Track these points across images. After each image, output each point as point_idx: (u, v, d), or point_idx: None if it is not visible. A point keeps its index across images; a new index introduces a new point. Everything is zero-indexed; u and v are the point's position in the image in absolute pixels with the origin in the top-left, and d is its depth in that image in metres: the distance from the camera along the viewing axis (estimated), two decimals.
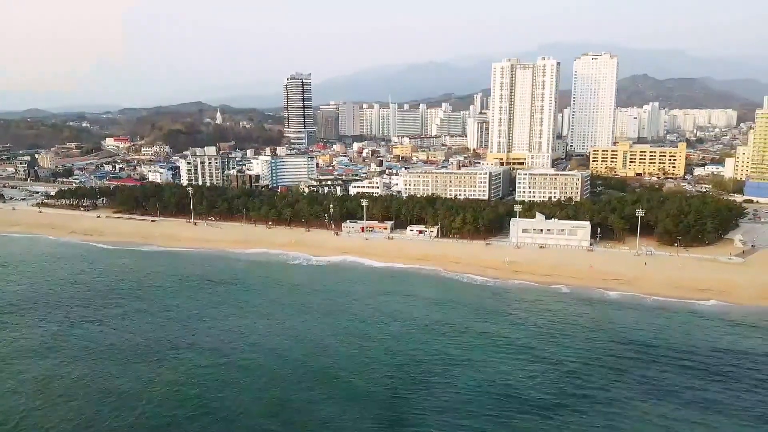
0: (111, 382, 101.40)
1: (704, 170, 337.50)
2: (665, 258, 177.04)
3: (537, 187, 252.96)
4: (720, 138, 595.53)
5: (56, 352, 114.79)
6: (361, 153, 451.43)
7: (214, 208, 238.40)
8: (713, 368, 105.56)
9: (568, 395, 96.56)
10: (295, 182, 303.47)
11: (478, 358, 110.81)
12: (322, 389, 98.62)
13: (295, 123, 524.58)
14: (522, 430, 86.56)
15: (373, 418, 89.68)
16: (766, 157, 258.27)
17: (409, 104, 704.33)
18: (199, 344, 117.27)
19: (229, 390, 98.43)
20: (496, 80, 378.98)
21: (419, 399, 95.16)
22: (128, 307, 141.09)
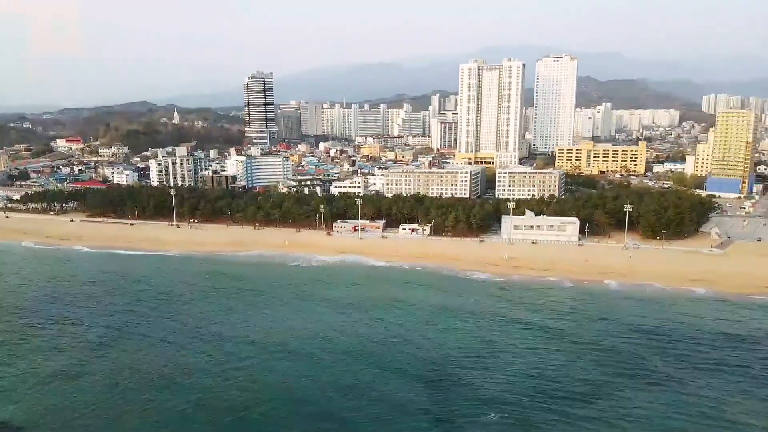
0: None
1: (663, 167, 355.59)
2: (651, 251, 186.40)
3: (516, 185, 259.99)
4: (665, 137, 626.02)
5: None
6: (329, 153, 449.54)
7: (196, 210, 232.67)
8: (728, 351, 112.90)
9: (619, 375, 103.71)
10: (271, 183, 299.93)
11: (516, 349, 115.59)
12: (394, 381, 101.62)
13: (256, 123, 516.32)
14: (574, 416, 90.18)
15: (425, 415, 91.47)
16: (727, 155, 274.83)
17: (369, 104, 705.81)
18: (274, 352, 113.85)
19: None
20: (464, 81, 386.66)
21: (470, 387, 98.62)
22: (152, 317, 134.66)
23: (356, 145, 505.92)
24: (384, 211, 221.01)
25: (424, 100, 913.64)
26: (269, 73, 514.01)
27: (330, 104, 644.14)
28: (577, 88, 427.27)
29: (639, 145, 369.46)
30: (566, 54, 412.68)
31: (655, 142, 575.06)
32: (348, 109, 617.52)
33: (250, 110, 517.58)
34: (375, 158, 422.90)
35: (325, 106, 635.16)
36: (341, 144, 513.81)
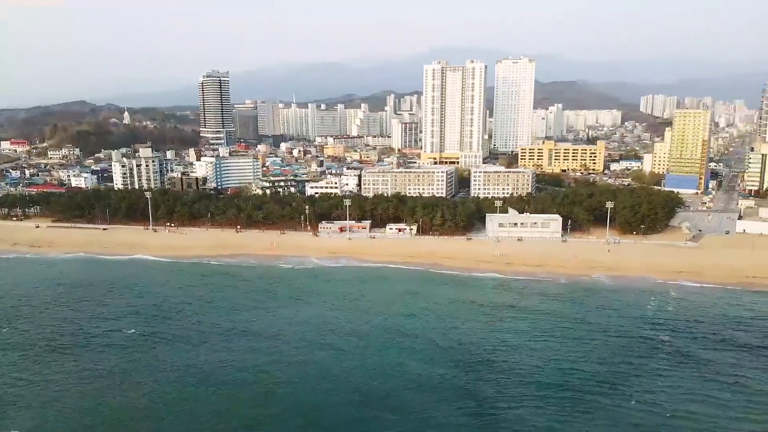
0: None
1: (620, 165, 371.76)
2: (631, 245, 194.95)
3: (491, 183, 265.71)
4: (611, 136, 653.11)
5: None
6: (291, 153, 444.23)
7: (173, 213, 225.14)
8: (731, 334, 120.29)
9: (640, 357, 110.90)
10: (242, 184, 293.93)
11: (539, 338, 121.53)
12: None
13: (212, 123, 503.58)
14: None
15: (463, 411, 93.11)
16: (684, 153, 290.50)
17: (319, 104, 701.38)
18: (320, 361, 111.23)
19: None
20: (428, 82, 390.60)
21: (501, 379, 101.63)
22: (166, 328, 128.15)
23: (317, 145, 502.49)
24: (369, 211, 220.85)
25: (376, 100, 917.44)
26: (225, 72, 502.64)
27: (286, 104, 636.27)
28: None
29: (597, 145, 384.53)
30: (524, 56, 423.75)
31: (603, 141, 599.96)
32: (305, 109, 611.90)
33: (205, 110, 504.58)
34: (340, 158, 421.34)
35: (281, 106, 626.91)
36: (301, 144, 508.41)
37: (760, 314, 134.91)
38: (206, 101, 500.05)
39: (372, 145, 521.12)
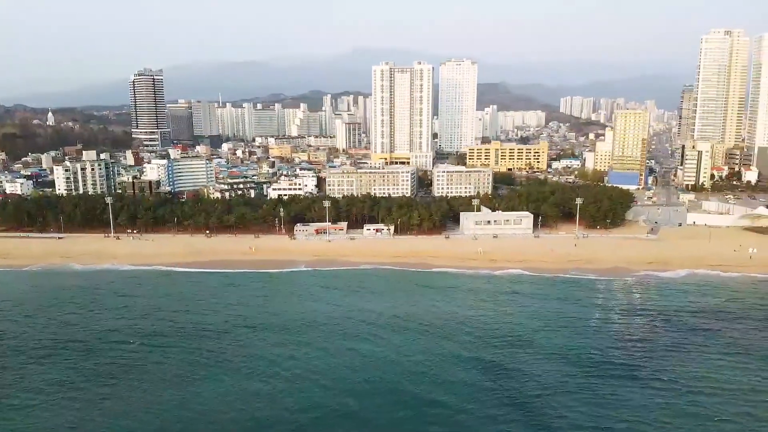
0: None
1: (560, 164, 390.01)
2: (599, 239, 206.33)
3: (453, 183, 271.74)
4: (538, 136, 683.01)
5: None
6: (235, 153, 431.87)
7: (135, 218, 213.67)
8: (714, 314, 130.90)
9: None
10: (195, 187, 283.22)
11: (557, 326, 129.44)
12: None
13: (145, 123, 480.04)
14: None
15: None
16: (626, 151, 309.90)
17: (253, 103, 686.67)
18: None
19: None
20: (377, 83, 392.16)
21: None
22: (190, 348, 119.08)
23: (259, 145, 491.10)
24: (344, 212, 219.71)
25: (307, 100, 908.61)
26: (159, 70, 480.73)
27: (221, 104, 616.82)
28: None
29: (540, 144, 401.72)
30: (467, 59, 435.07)
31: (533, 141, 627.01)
32: (241, 109, 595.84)
33: (137, 110, 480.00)
34: (288, 159, 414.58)
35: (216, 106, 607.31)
36: (242, 145, 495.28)
37: (733, 297, 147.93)
38: (138, 101, 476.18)
39: (314, 146, 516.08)
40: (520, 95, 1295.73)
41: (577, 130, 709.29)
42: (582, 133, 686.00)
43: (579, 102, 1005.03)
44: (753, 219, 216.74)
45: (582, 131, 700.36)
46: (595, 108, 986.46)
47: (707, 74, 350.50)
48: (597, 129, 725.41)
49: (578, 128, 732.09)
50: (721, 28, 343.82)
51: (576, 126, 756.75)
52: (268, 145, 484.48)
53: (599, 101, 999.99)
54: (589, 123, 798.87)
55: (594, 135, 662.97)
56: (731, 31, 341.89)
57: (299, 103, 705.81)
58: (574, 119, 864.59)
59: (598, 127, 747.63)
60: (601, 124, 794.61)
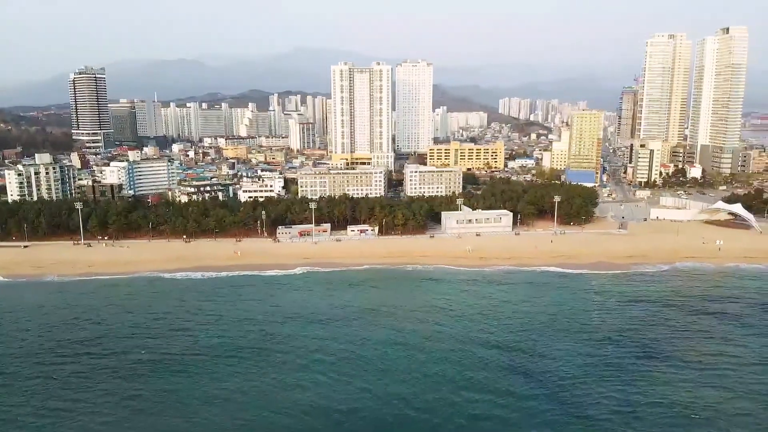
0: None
1: (516, 163, 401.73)
2: (576, 235, 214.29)
3: (426, 183, 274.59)
4: (483, 136, 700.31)
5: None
6: (187, 155, 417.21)
7: (106, 224, 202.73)
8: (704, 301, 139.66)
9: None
10: (157, 190, 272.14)
11: (575, 316, 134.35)
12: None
13: (87, 124, 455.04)
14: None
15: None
16: (582, 150, 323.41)
17: (182, 102, 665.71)
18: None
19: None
20: (336, 83, 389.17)
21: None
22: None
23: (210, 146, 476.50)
24: (326, 213, 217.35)
25: (247, 99, 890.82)
26: (101, 69, 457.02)
27: (164, 103, 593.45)
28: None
29: (496, 144, 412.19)
30: (423, 60, 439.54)
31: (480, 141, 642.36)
32: (186, 108, 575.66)
33: (78, 110, 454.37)
34: (244, 160, 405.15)
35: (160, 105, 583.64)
36: (189, 146, 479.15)
37: (718, 284, 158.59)
38: (79, 100, 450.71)
39: (266, 146, 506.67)
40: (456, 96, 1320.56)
41: (520, 131, 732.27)
42: (524, 133, 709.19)
43: (516, 103, 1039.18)
44: (711, 213, 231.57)
45: (524, 131, 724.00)
46: (532, 109, 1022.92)
47: (652, 76, 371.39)
48: (538, 129, 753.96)
49: (520, 129, 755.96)
50: (665, 32, 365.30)
51: (518, 127, 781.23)
52: (220, 146, 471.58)
53: (536, 102, 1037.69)
54: (530, 124, 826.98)
55: (536, 135, 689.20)
56: (674, 34, 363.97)
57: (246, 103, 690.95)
58: (513, 120, 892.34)
59: (538, 128, 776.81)
60: (541, 125, 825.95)
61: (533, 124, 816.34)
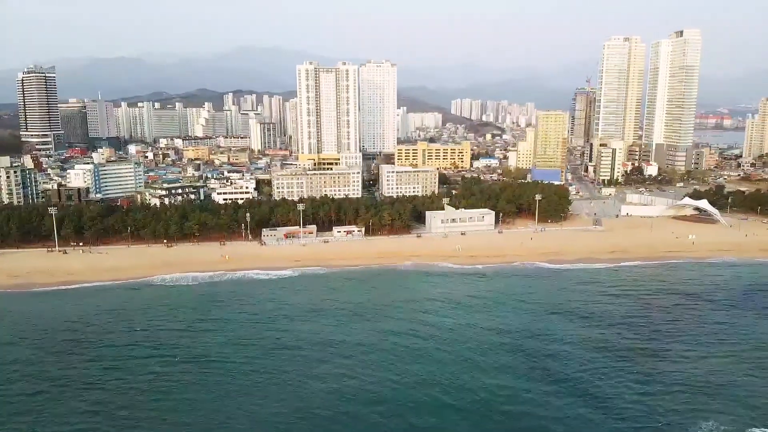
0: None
1: (480, 162, 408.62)
2: (555, 233, 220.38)
3: (403, 183, 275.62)
4: (440, 137, 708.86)
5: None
6: (146, 156, 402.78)
7: (82, 230, 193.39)
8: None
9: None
10: (124, 193, 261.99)
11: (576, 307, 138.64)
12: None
13: (37, 125, 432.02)
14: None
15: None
16: (548, 150, 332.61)
17: (160, 102, 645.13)
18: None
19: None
20: (302, 82, 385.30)
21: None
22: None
23: (168, 147, 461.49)
24: (311, 215, 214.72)
25: (197, 98, 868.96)
26: (51, 67, 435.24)
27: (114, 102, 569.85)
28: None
29: (463, 145, 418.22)
30: (387, 60, 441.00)
31: (439, 140, 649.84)
32: (139, 108, 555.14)
33: (27, 110, 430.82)
34: (207, 162, 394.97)
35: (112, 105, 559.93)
36: (144, 147, 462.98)
37: (704, 275, 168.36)
38: (28, 100, 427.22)
39: (225, 147, 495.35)
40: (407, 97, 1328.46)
41: (475, 131, 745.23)
42: (480, 133, 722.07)
43: (468, 104, 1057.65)
44: (678, 209, 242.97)
45: (479, 132, 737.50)
46: (483, 110, 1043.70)
47: (609, 78, 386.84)
48: (492, 130, 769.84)
49: (475, 129, 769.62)
50: (621, 35, 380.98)
51: (473, 127, 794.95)
52: (179, 147, 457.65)
53: (486, 103, 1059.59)
54: (484, 124, 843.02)
55: (491, 135, 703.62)
56: (630, 37, 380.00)
57: (200, 102, 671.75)
58: (467, 120, 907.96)
59: (492, 128, 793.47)
60: (494, 125, 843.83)
61: (487, 125, 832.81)
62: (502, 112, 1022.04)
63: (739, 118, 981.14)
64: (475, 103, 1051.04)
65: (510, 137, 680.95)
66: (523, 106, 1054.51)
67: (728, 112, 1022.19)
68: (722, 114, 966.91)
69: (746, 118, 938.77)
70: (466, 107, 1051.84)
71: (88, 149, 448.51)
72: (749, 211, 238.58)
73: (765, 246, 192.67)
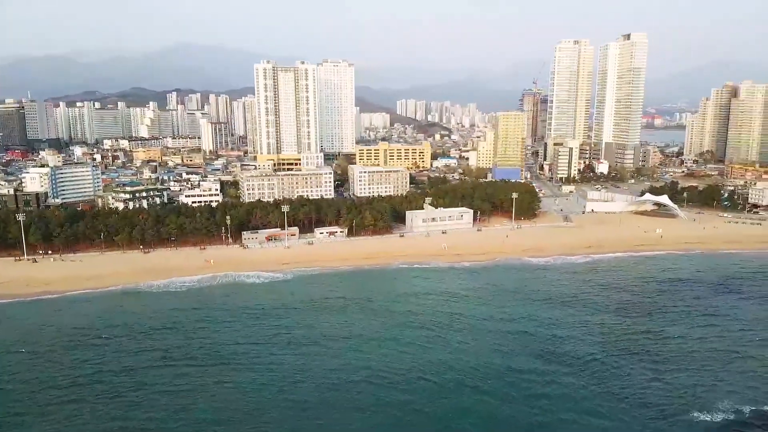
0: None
1: (440, 162, 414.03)
2: (531, 229, 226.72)
3: (374, 183, 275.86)
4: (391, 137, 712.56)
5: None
6: (94, 158, 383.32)
7: (51, 237, 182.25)
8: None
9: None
10: (82, 197, 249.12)
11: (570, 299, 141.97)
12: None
13: None
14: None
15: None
16: (508, 149, 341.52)
17: (100, 103, 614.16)
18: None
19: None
20: (260, 82, 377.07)
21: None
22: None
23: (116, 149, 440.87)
24: (291, 217, 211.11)
25: (128, 97, 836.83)
26: None
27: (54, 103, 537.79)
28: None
29: (423, 145, 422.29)
30: (344, 60, 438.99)
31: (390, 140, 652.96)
32: (79, 108, 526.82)
33: None
34: (162, 163, 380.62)
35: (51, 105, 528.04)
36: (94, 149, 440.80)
37: (678, 265, 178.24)
38: None
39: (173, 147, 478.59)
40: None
41: (424, 132, 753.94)
42: (428, 134, 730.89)
43: (413, 104, 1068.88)
44: (639, 205, 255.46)
45: (428, 132, 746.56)
46: (427, 110, 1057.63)
47: (561, 79, 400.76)
48: (440, 130, 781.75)
49: (424, 130, 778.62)
50: (571, 39, 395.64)
51: (421, 127, 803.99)
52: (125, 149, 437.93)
53: (430, 104, 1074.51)
54: (431, 125, 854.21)
55: (440, 136, 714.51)
56: (579, 40, 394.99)
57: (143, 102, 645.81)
58: (414, 121, 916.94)
59: (440, 129, 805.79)
60: (442, 126, 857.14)
61: (434, 125, 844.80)
62: (446, 113, 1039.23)
63: (668, 118, 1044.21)
64: (419, 104, 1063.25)
65: (458, 137, 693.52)
66: (466, 107, 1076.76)
67: (656, 112, 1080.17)
68: (652, 114, 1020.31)
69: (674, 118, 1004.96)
70: (411, 108, 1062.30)
71: (29, 152, 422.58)
72: (703, 205, 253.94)
73: (728, 239, 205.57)
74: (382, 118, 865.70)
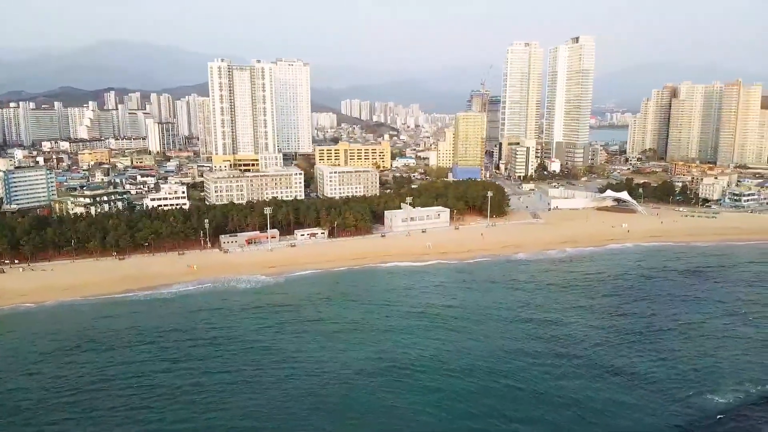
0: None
1: (398, 162, 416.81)
2: (504, 227, 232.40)
3: (344, 183, 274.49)
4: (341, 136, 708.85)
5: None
6: (37, 161, 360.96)
7: (18, 245, 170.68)
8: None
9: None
10: (37, 202, 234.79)
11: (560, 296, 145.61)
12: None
13: None
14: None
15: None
16: (468, 149, 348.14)
17: (34, 102, 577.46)
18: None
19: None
20: (214, 80, 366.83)
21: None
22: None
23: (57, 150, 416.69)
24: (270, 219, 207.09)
25: (58, 97, 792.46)
26: None
27: None
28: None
29: (383, 145, 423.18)
30: (299, 60, 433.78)
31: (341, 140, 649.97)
32: (14, 109, 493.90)
33: None
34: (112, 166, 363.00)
35: None
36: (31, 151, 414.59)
37: (651, 257, 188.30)
38: None
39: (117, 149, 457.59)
40: None
41: (372, 132, 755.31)
42: (377, 134, 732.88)
43: (357, 104, 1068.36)
44: (600, 201, 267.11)
45: (377, 132, 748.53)
46: (372, 111, 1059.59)
47: (513, 81, 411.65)
48: (388, 131, 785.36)
49: (372, 130, 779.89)
50: (522, 41, 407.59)
51: (369, 128, 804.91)
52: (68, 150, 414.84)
53: (375, 104, 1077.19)
54: (379, 125, 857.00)
55: (389, 136, 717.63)
56: (529, 43, 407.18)
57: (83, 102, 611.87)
58: (360, 121, 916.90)
59: (388, 129, 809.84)
60: (389, 126, 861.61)
61: (381, 125, 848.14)
62: (391, 114, 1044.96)
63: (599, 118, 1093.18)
64: (364, 104, 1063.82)
65: (407, 138, 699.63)
66: (408, 108, 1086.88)
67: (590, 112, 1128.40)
68: None
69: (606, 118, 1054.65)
70: (355, 108, 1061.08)
71: None
72: (659, 201, 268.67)
73: (689, 231, 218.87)
74: (329, 118, 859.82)
